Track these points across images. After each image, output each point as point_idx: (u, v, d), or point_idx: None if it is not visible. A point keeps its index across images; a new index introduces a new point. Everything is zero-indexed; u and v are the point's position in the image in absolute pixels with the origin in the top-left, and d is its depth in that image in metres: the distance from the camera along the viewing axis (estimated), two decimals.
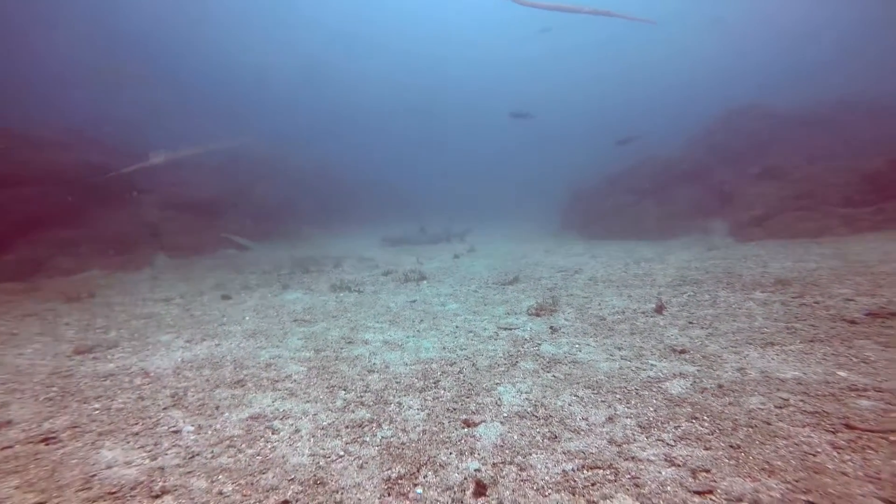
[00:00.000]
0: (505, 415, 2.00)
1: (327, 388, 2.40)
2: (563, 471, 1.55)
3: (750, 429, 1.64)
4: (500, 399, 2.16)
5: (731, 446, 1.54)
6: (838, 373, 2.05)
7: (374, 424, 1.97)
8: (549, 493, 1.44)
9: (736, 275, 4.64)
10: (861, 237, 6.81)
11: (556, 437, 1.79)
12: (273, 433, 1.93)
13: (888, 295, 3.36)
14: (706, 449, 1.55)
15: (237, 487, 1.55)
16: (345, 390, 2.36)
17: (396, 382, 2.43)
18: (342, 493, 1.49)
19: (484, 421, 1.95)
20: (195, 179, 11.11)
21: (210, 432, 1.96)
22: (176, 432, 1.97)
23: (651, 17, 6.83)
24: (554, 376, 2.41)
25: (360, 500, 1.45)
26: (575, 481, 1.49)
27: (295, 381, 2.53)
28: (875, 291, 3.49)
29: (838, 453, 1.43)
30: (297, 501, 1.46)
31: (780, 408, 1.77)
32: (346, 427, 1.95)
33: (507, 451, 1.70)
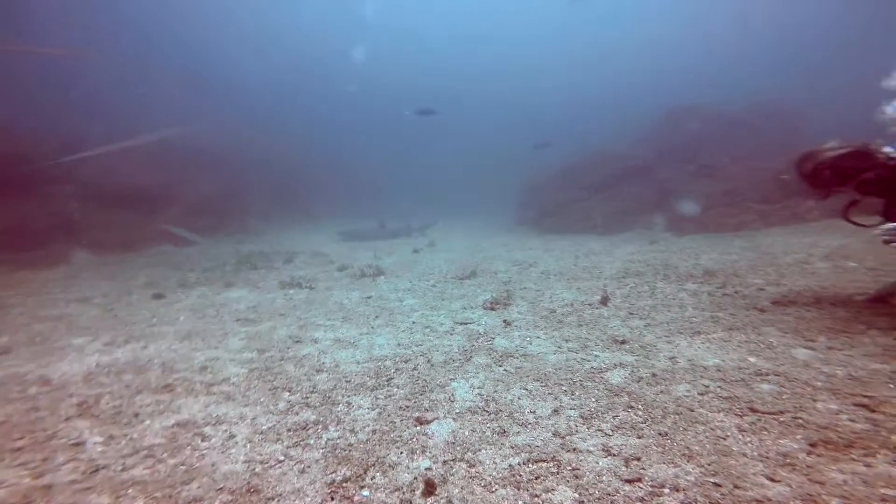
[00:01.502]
0: (457, 411, 2.02)
1: (269, 389, 2.29)
2: (510, 465, 1.59)
3: (676, 416, 1.76)
4: (453, 395, 2.17)
5: (660, 434, 1.65)
6: (749, 359, 2.26)
7: (320, 426, 1.90)
8: (496, 489, 1.47)
9: (672, 267, 4.99)
10: (771, 231, 7.57)
11: (504, 431, 1.83)
12: (203, 440, 1.80)
13: (789, 284, 3.77)
14: (639, 437, 1.66)
15: (150, 501, 1.41)
16: (289, 392, 2.26)
17: (346, 381, 2.36)
18: (279, 501, 1.42)
19: (437, 418, 1.95)
20: (124, 168, 9.93)
21: (124, 443, 1.79)
22: (77, 445, 1.78)
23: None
24: (505, 370, 2.46)
25: None
26: (520, 476, 1.53)
27: (233, 383, 2.38)
28: (780, 281, 3.89)
29: (742, 436, 1.57)
30: None
31: (702, 394, 1.92)
32: (288, 430, 1.87)
33: (458, 448, 1.71)
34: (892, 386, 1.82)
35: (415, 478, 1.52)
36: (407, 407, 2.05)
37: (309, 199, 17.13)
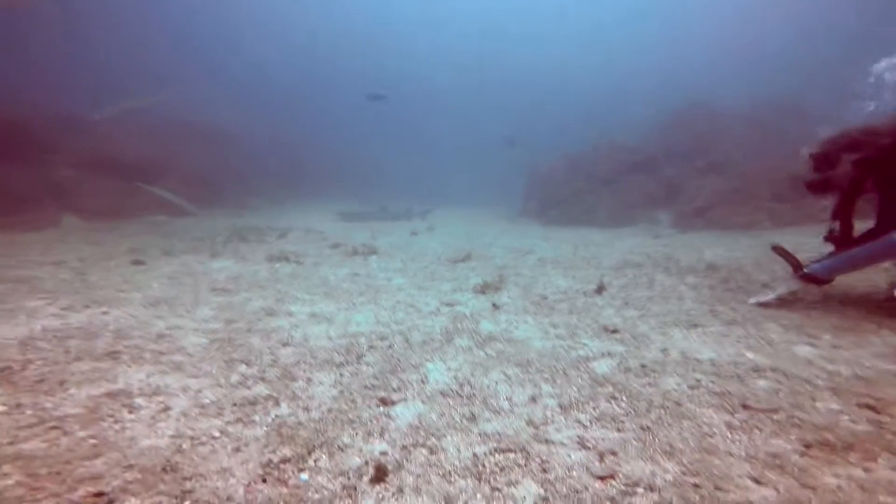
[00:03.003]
0: (428, 393, 1.87)
1: (226, 361, 2.15)
2: (475, 454, 1.44)
3: (662, 410, 1.59)
4: (426, 376, 2.03)
5: (642, 427, 1.49)
6: (746, 354, 2.07)
7: (271, 402, 1.76)
8: (455, 480, 1.32)
9: (674, 260, 4.77)
10: (783, 231, 7.25)
11: (475, 417, 1.68)
12: (130, 412, 1.66)
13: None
14: (618, 431, 1.49)
15: (26, 479, 1.25)
16: (246, 364, 2.12)
17: (312, 357, 2.21)
18: (196, 481, 1.27)
19: (404, 399, 1.81)
20: (119, 138, 9.86)
21: (30, 413, 1.61)
22: None
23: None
24: (486, 354, 2.31)
25: (217, 488, 1.24)
26: (484, 466, 1.38)
27: (188, 353, 2.25)
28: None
29: (731, 433, 1.40)
30: (125, 491, 1.21)
31: (693, 388, 1.75)
32: (234, 405, 1.73)
33: (421, 433, 1.57)
34: None
35: (365, 462, 1.37)
36: (373, 386, 1.90)
37: (312, 180, 16.98)
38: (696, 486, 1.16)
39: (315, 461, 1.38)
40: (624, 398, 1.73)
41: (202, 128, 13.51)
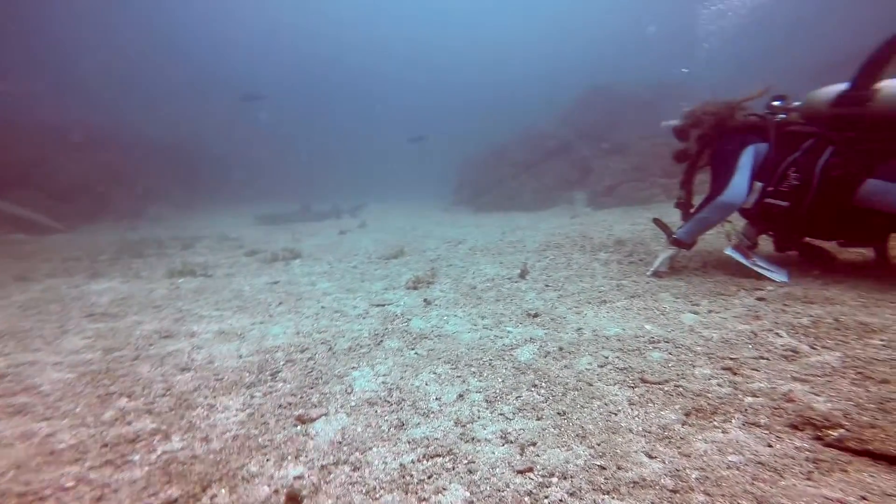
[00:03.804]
0: (353, 404, 1.77)
1: (99, 397, 1.86)
2: (402, 465, 1.40)
3: (576, 392, 1.69)
4: (351, 386, 1.92)
5: (559, 413, 1.57)
6: (646, 326, 2.29)
7: (159, 437, 1.54)
8: (381, 495, 1.27)
9: (588, 238, 5.15)
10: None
11: (403, 424, 1.63)
12: None
13: (685, 252, 4.04)
14: (538, 419, 1.55)
15: None
16: (129, 397, 1.84)
17: (217, 380, 1.99)
18: None
19: (325, 414, 1.69)
20: None
21: None
22: None
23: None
24: (417, 353, 2.27)
25: None
26: (411, 475, 1.34)
27: (41, 392, 1.90)
28: None
29: (631, 409, 1.52)
30: None
31: (602, 366, 1.89)
32: (103, 446, 1.48)
33: (344, 449, 1.48)
34: (750, 346, 1.91)
35: (275, 490, 1.25)
36: (290, 404, 1.76)
37: (226, 184, 15.33)
38: (601, 468, 1.24)
39: (212, 498, 1.22)
40: (544, 384, 1.80)
41: (77, 129, 11.35)
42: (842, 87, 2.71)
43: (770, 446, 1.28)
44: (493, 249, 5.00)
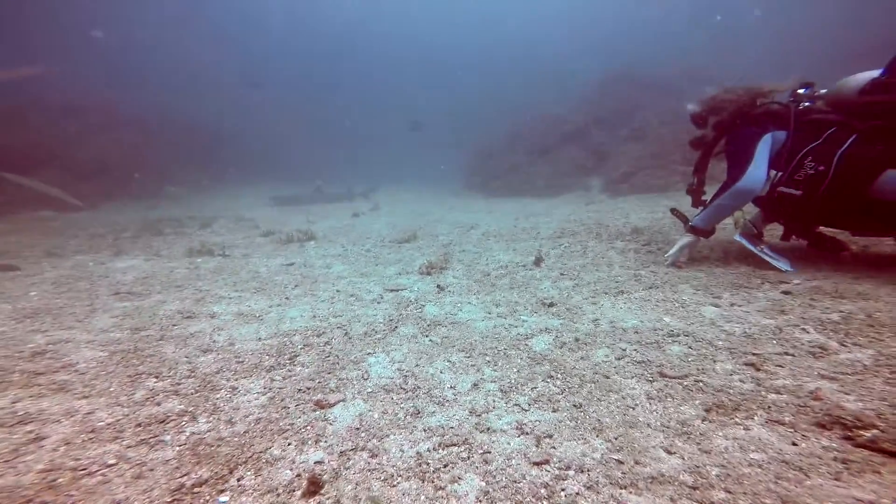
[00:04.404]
0: (370, 390, 1.80)
1: (130, 376, 1.92)
2: (418, 453, 1.41)
3: (593, 385, 1.68)
4: (367, 372, 1.95)
5: (575, 405, 1.55)
6: (664, 318, 2.24)
7: (186, 418, 1.59)
8: (398, 483, 1.29)
9: (604, 226, 5.04)
10: None
11: (419, 412, 1.64)
12: None
13: (705, 241, 3.93)
14: (554, 411, 1.54)
15: None
16: (157, 378, 1.90)
17: (238, 362, 2.03)
18: None
19: (342, 400, 1.72)
20: None
21: None
22: None
23: None
24: (431, 340, 2.27)
25: None
26: (428, 464, 1.36)
27: (78, 370, 1.97)
28: None
29: (650, 404, 1.50)
30: None
31: (619, 359, 1.86)
32: (137, 426, 1.54)
33: (362, 435, 1.50)
34: (775, 342, 1.85)
35: (298, 475, 1.28)
36: (308, 388, 1.79)
37: (242, 165, 15.44)
38: (619, 462, 1.22)
39: (238, 480, 1.26)
40: (559, 376, 1.79)
41: (101, 109, 11.49)
42: (873, 73, 2.61)
43: (795, 445, 1.25)
44: (506, 235, 4.94)
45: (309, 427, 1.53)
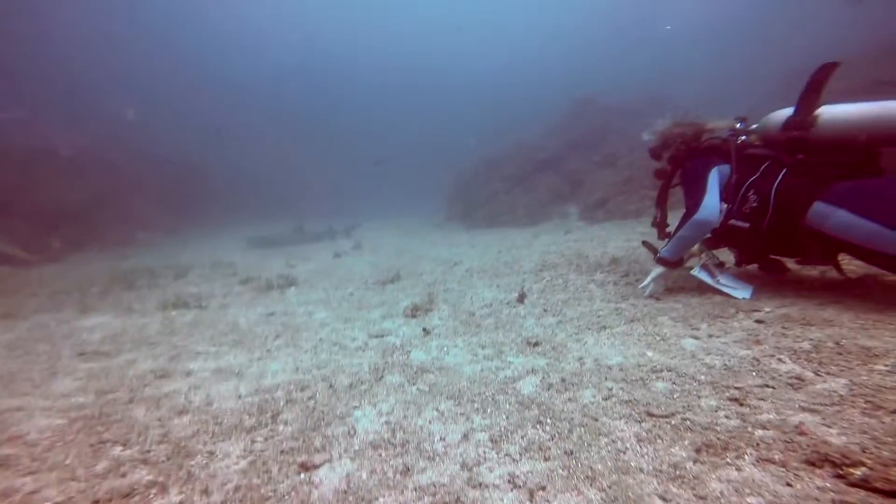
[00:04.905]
0: (357, 448, 1.75)
1: (90, 445, 1.80)
2: None
3: (582, 429, 1.69)
4: (354, 427, 1.90)
5: (566, 452, 1.56)
6: (647, 353, 2.31)
7: (155, 489, 1.49)
8: None
9: (584, 256, 5.20)
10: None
11: (409, 469, 1.61)
12: None
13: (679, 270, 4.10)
14: (545, 460, 1.54)
15: None
16: (123, 445, 1.79)
17: (216, 424, 1.95)
18: None
19: (328, 460, 1.66)
20: None
21: None
22: None
23: None
24: (419, 389, 2.25)
25: None
26: None
27: (27, 442, 1.84)
28: None
29: (640, 447, 1.52)
30: None
31: (606, 399, 1.89)
32: (96, 503, 1.44)
33: (350, 499, 1.45)
34: (754, 374, 1.92)
35: None
36: (292, 449, 1.72)
37: (218, 205, 15.29)
38: None
39: None
40: (549, 420, 1.80)
41: (61, 152, 11.27)
42: (790, 111, 2.88)
43: (790, 486, 1.26)
44: (489, 271, 5.02)
45: (293, 492, 1.47)
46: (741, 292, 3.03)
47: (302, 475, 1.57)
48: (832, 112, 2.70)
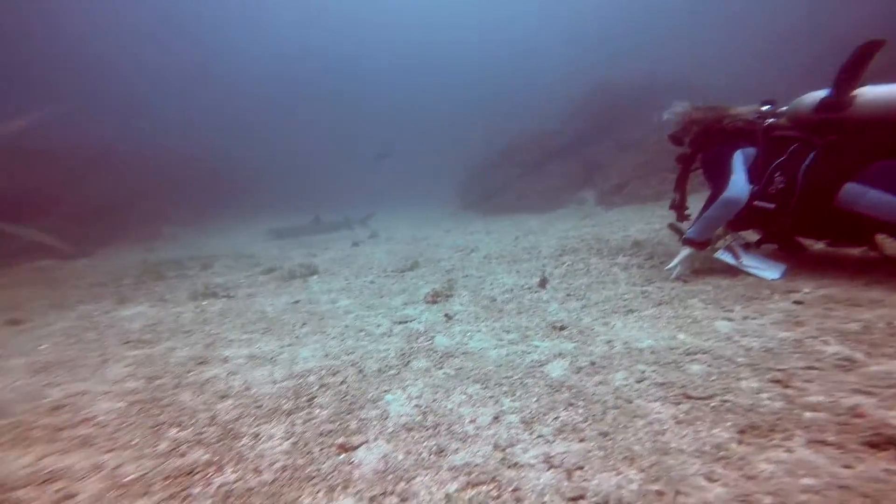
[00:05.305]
0: (391, 430, 1.78)
1: (151, 427, 1.89)
2: (447, 495, 1.39)
3: (616, 411, 1.67)
4: (386, 410, 1.93)
5: (601, 434, 1.55)
6: (679, 336, 2.26)
7: (213, 468, 1.56)
8: None
9: (604, 241, 5.11)
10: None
11: (442, 450, 1.63)
12: None
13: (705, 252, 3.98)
14: (580, 441, 1.54)
15: None
16: (178, 427, 1.88)
17: (256, 407, 2.01)
18: None
19: (366, 441, 1.70)
20: None
21: None
22: None
23: None
24: (445, 373, 2.26)
25: None
26: None
27: (98, 423, 1.95)
28: None
29: (679, 428, 1.49)
30: None
31: (639, 382, 1.86)
32: (165, 479, 1.52)
33: (389, 477, 1.48)
34: (797, 356, 1.86)
35: None
36: (330, 431, 1.77)
37: (237, 197, 15.57)
38: (659, 493, 1.22)
39: None
40: (581, 403, 1.79)
41: (92, 151, 11.61)
42: (824, 92, 2.80)
43: (850, 468, 1.21)
44: (507, 257, 4.98)
45: (335, 472, 1.51)
46: (770, 273, 2.95)
47: (342, 456, 1.61)
48: (875, 92, 2.61)
